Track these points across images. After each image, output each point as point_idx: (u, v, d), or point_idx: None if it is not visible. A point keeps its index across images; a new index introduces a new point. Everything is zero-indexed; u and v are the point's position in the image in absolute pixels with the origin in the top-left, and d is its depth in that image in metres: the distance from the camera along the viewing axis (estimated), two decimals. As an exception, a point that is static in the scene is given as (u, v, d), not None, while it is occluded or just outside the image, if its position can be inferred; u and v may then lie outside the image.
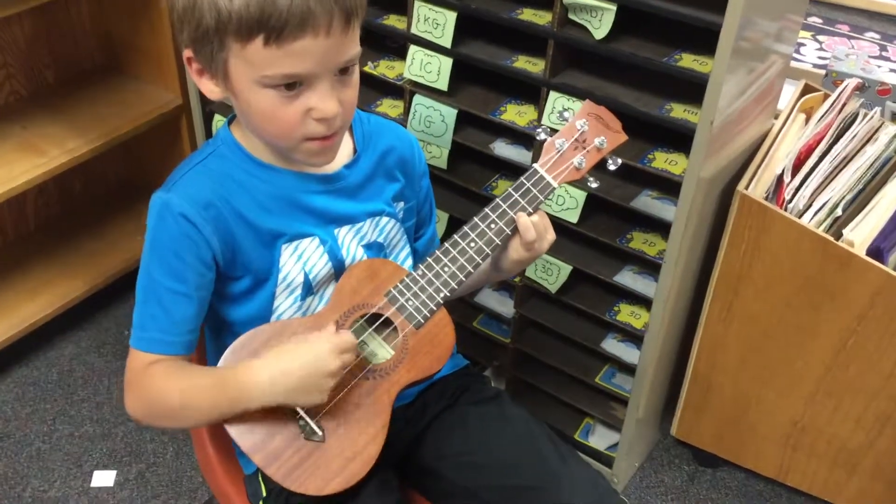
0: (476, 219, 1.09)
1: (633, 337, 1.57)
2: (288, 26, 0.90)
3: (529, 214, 1.09)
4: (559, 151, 1.11)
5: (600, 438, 1.72)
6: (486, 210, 1.09)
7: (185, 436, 1.78)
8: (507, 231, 1.09)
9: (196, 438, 1.25)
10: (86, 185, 2.24)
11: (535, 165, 1.11)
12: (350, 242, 1.11)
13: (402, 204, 1.17)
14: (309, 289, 1.09)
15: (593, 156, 1.12)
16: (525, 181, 1.10)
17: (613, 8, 1.28)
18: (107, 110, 1.97)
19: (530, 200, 1.09)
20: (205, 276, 1.03)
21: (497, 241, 1.08)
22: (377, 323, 1.06)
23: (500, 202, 1.09)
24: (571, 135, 1.12)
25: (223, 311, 1.10)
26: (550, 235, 1.13)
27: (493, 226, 1.08)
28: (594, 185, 1.15)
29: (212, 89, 1.01)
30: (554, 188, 1.10)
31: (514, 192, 1.09)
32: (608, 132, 1.13)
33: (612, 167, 1.14)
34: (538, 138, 1.14)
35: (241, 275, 1.07)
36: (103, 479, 1.71)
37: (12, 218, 2.10)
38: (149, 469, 1.73)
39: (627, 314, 1.54)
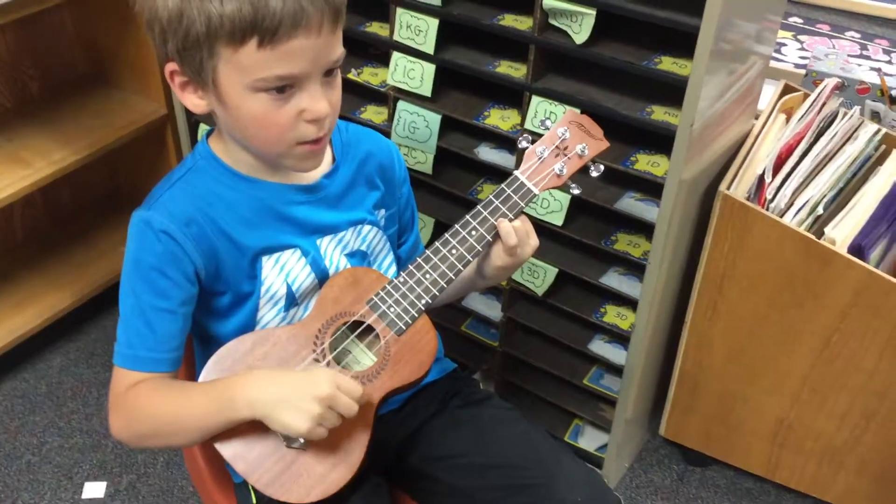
0: (457, 226, 1.09)
1: (620, 338, 1.58)
2: (282, 26, 0.91)
3: (511, 221, 1.10)
4: (540, 158, 1.12)
5: (589, 440, 1.73)
6: (468, 217, 1.09)
7: (176, 449, 1.78)
8: (488, 237, 1.09)
9: (186, 449, 1.25)
10: (72, 196, 2.23)
11: (515, 172, 1.11)
12: (333, 252, 1.11)
13: (382, 211, 1.18)
14: (292, 300, 1.10)
15: (574, 162, 1.13)
16: (506, 188, 1.10)
17: (593, 12, 1.29)
18: (92, 121, 1.97)
19: (511, 207, 1.10)
20: (189, 291, 1.03)
21: (478, 247, 1.08)
22: (359, 330, 1.06)
23: (482, 209, 1.09)
24: (553, 142, 1.13)
25: (208, 325, 1.11)
26: (533, 241, 1.13)
27: (473, 232, 1.08)
28: (576, 192, 1.16)
29: (196, 103, 1.00)
30: (535, 194, 1.11)
31: (494, 199, 1.10)
32: (590, 139, 1.14)
33: (594, 174, 1.15)
34: (520, 146, 1.15)
35: (224, 290, 1.07)
36: (94, 490, 1.71)
37: (-1, 230, 2.11)
38: (139, 480, 1.73)
39: (614, 315, 1.55)
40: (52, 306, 1.96)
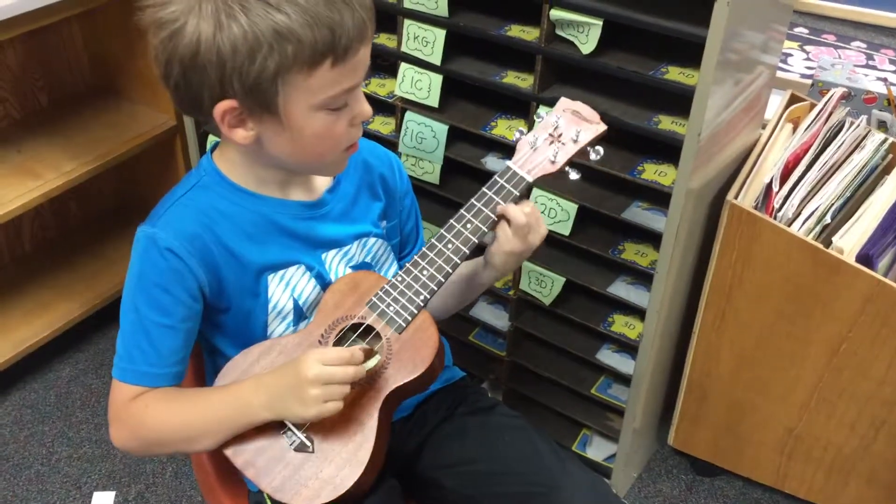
0: (451, 220, 1.08)
1: (628, 347, 1.58)
2: (353, 42, 0.93)
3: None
4: (533, 147, 1.11)
5: (597, 449, 1.73)
6: (461, 211, 1.09)
7: (185, 455, 1.78)
8: (484, 228, 1.08)
9: (195, 458, 1.25)
10: (81, 206, 2.25)
11: (507, 163, 1.11)
12: (338, 265, 1.12)
13: (384, 223, 1.18)
14: (300, 314, 1.10)
15: (569, 148, 1.11)
16: (498, 178, 1.10)
17: (599, 23, 1.29)
18: (101, 132, 1.98)
19: (505, 196, 1.08)
20: (192, 308, 1.04)
21: (474, 239, 1.07)
22: (359, 330, 1.06)
23: (475, 201, 1.09)
24: (546, 130, 1.12)
25: (217, 341, 1.11)
26: (543, 229, 1.12)
27: (468, 225, 1.07)
28: (574, 177, 1.13)
29: (245, 135, 0.98)
30: (528, 181, 1.09)
31: (487, 190, 1.09)
32: (585, 124, 1.13)
33: (594, 157, 1.13)
34: (514, 139, 1.14)
35: (228, 306, 1.07)
36: (103, 500, 1.71)
37: (8, 241, 2.11)
38: (148, 489, 1.74)
39: (622, 325, 1.55)
40: (60, 317, 1.97)
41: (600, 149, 1.13)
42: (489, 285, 1.21)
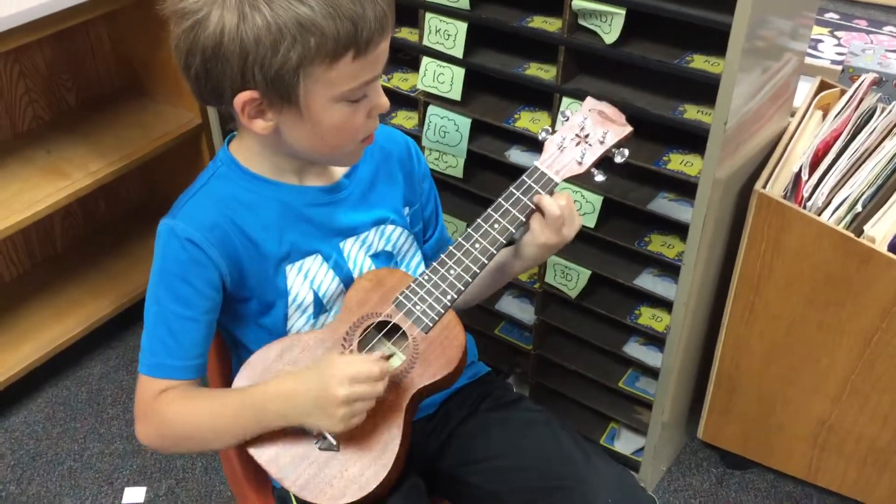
0: (479, 219, 1.08)
1: (656, 340, 1.56)
2: (375, 34, 0.93)
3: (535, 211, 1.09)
4: (560, 148, 1.11)
5: (626, 443, 1.72)
6: (489, 210, 1.09)
7: (212, 452, 1.80)
8: (511, 229, 1.08)
9: (223, 453, 1.26)
10: (110, 206, 2.27)
11: (535, 163, 1.11)
12: (356, 254, 1.12)
13: (407, 209, 1.18)
14: (321, 307, 1.10)
15: (596, 149, 1.11)
16: (526, 178, 1.10)
17: (622, 12, 1.28)
18: (128, 132, 2.00)
19: (532, 197, 1.09)
20: (213, 299, 1.04)
21: (501, 239, 1.08)
22: (385, 329, 1.06)
23: (502, 201, 1.09)
24: (573, 131, 1.12)
25: (239, 333, 1.12)
26: (578, 222, 1.12)
27: (496, 225, 1.08)
28: (600, 179, 1.13)
29: (264, 126, 0.98)
30: (555, 183, 1.10)
31: (515, 191, 1.09)
32: (611, 125, 1.13)
33: (619, 159, 1.13)
34: (540, 138, 1.14)
35: (249, 296, 1.07)
36: (134, 495, 1.73)
37: (39, 240, 2.14)
38: (178, 485, 1.75)
39: (649, 317, 1.54)
40: (91, 315, 1.99)
41: (626, 150, 1.13)
42: (518, 275, 1.21)
